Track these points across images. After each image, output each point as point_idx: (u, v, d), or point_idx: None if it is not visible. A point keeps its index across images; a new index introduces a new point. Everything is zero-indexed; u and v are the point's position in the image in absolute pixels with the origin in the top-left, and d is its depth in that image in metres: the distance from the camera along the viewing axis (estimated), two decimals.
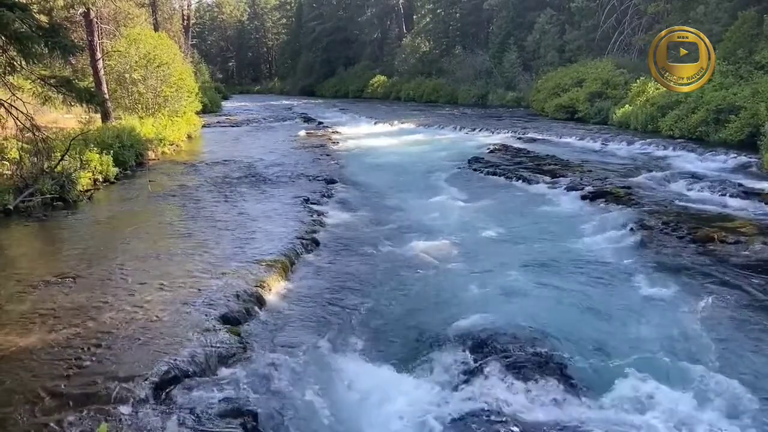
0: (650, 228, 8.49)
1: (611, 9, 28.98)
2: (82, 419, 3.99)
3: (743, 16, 18.44)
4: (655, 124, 18.32)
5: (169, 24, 40.55)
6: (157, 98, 20.77)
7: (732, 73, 17.11)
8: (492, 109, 32.31)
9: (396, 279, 7.09)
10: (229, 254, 7.70)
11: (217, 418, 4.09)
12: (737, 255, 7.27)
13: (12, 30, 8.26)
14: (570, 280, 6.87)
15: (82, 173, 11.70)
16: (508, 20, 37.21)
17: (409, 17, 55.73)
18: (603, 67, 25.36)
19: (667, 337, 5.33)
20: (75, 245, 8.51)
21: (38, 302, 6.06)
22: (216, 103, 40.10)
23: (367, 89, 52.41)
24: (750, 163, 12.94)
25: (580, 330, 5.51)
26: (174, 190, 12.29)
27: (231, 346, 5.06)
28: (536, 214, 10.17)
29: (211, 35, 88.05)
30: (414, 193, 12.28)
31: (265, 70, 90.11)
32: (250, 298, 6.20)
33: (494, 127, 22.99)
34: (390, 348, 5.36)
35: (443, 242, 8.49)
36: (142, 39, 21.01)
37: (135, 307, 5.86)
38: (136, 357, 4.85)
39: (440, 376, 4.82)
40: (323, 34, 62.91)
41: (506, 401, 4.36)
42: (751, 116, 14.43)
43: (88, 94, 10.48)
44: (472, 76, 38.00)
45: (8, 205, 9.88)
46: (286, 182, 13.09)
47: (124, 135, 14.89)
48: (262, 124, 29.55)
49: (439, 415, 4.27)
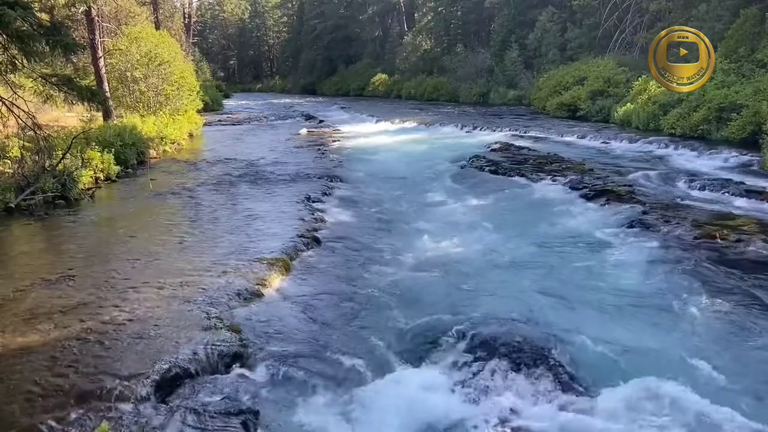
0: (652, 226, 8.48)
1: (613, 7, 28.91)
2: (83, 418, 4.00)
3: (745, 13, 18.39)
4: (656, 122, 18.29)
5: (170, 22, 40.47)
6: (159, 96, 20.76)
7: (734, 71, 17.08)
8: (493, 108, 32.25)
9: (396, 277, 7.08)
10: (230, 252, 7.70)
11: (219, 416, 4.09)
12: (739, 253, 7.27)
13: (13, 28, 8.26)
14: (571, 279, 6.86)
15: (84, 172, 11.71)
16: (509, 18, 37.13)
17: (410, 15, 55.66)
18: (604, 65, 25.30)
19: (668, 335, 5.33)
20: (76, 243, 8.52)
21: (39, 300, 6.07)
22: (217, 101, 40.10)
23: (368, 87, 52.35)
24: (752, 162, 12.92)
25: (581, 327, 5.50)
26: (175, 189, 12.30)
27: (232, 345, 5.06)
28: (537, 212, 10.15)
29: (212, 33, 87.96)
30: (414, 192, 12.27)
31: (267, 69, 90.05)
32: (251, 296, 6.20)
33: (495, 125, 22.96)
34: (391, 346, 5.36)
35: (444, 241, 8.49)
36: (143, 37, 21.01)
37: (136, 306, 5.86)
38: (138, 355, 4.86)
39: (440, 374, 4.83)
40: (324, 32, 62.84)
41: (508, 399, 4.37)
42: (753, 114, 14.40)
43: (90, 92, 10.47)
44: (473, 74, 37.92)
45: (10, 203, 9.89)
46: (287, 181, 13.09)
47: (125, 133, 14.90)
48: (263, 123, 29.55)
49: (439, 413, 4.28)
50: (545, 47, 33.26)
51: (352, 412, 4.34)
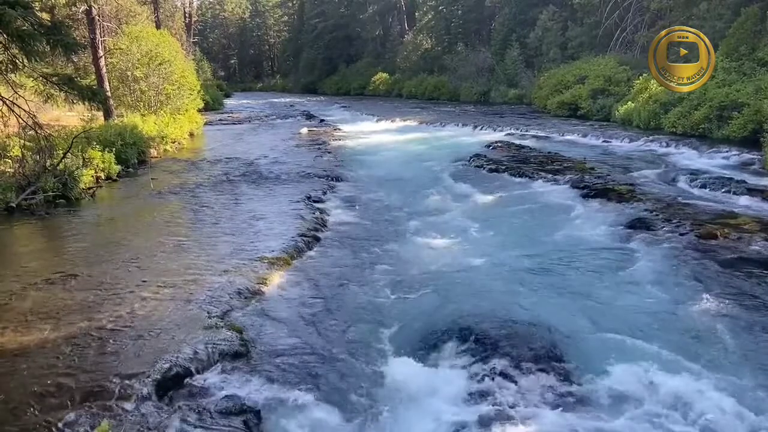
0: (653, 225, 8.48)
1: (614, 5, 28.88)
2: (84, 416, 4.01)
3: (746, 12, 18.35)
4: (657, 120, 18.27)
5: (171, 21, 40.47)
6: (159, 96, 20.76)
7: (735, 70, 17.05)
8: (494, 107, 32.23)
9: (397, 276, 7.08)
10: (231, 251, 7.71)
11: (220, 415, 4.10)
12: (740, 252, 7.26)
13: (14, 28, 8.26)
14: (572, 277, 6.86)
15: (85, 171, 11.73)
16: (510, 17, 37.10)
17: (411, 14, 55.61)
18: (605, 64, 25.27)
19: (669, 334, 5.33)
20: (77, 243, 8.53)
21: (40, 300, 6.08)
22: (218, 100, 40.10)
23: (369, 86, 52.31)
24: (753, 160, 12.91)
25: (583, 325, 5.51)
26: (176, 188, 12.31)
27: (233, 343, 5.07)
28: (538, 211, 10.14)
29: (212, 33, 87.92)
30: (415, 191, 12.25)
31: (267, 68, 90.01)
32: (252, 295, 6.21)
33: (496, 124, 22.94)
34: (391, 345, 5.35)
35: (444, 240, 8.49)
36: (144, 37, 21.01)
37: (137, 305, 5.87)
38: (139, 354, 4.87)
39: (441, 373, 4.83)
40: (325, 31, 62.78)
41: (508, 398, 4.37)
42: (754, 113, 14.38)
43: (90, 91, 10.47)
44: (474, 73, 37.86)
45: (11, 202, 9.90)
46: (287, 180, 13.09)
47: (126, 133, 14.90)
48: (263, 122, 29.53)
49: (440, 413, 4.28)
50: (546, 46, 33.22)
51: (353, 412, 4.34)
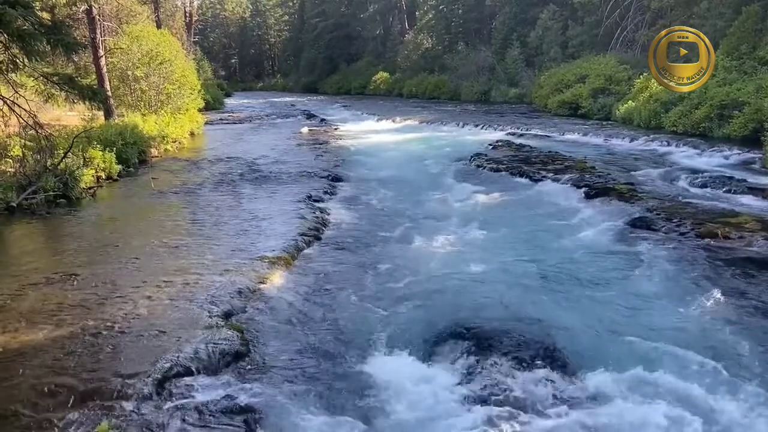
0: (654, 224, 8.47)
1: (614, 5, 28.87)
2: (84, 416, 4.00)
3: (747, 11, 18.34)
4: (658, 119, 18.27)
5: (171, 21, 40.48)
6: (160, 95, 20.77)
7: (736, 69, 17.05)
8: (495, 106, 32.23)
9: (397, 276, 7.08)
10: (232, 251, 7.71)
11: (220, 414, 4.09)
12: (741, 251, 7.26)
13: (14, 27, 8.27)
14: (572, 277, 6.85)
15: (85, 171, 11.72)
16: (510, 16, 37.11)
17: (411, 13, 55.62)
18: (606, 63, 25.27)
19: (670, 333, 5.32)
20: (78, 242, 8.54)
21: (41, 299, 6.08)
22: (218, 100, 40.11)
23: (369, 86, 52.34)
24: (753, 159, 12.91)
25: (583, 324, 5.50)
26: (177, 188, 12.31)
27: (234, 343, 5.07)
28: (538, 210, 10.14)
29: (213, 32, 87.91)
30: (416, 190, 12.25)
31: (268, 67, 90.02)
32: (252, 294, 6.21)
33: (497, 123, 22.94)
34: (392, 345, 5.35)
35: (445, 239, 8.48)
36: (144, 36, 21.01)
37: (138, 304, 5.87)
38: (139, 353, 4.87)
39: (442, 372, 4.82)
40: (326, 30, 62.79)
41: (508, 398, 4.37)
42: (755, 112, 14.38)
43: (91, 91, 10.48)
44: (474, 72, 37.87)
45: (11, 202, 9.90)
46: (288, 179, 13.09)
47: (126, 132, 14.90)
48: (264, 121, 29.54)
49: (441, 412, 4.28)
50: (546, 45, 33.22)
51: (354, 411, 4.34)
